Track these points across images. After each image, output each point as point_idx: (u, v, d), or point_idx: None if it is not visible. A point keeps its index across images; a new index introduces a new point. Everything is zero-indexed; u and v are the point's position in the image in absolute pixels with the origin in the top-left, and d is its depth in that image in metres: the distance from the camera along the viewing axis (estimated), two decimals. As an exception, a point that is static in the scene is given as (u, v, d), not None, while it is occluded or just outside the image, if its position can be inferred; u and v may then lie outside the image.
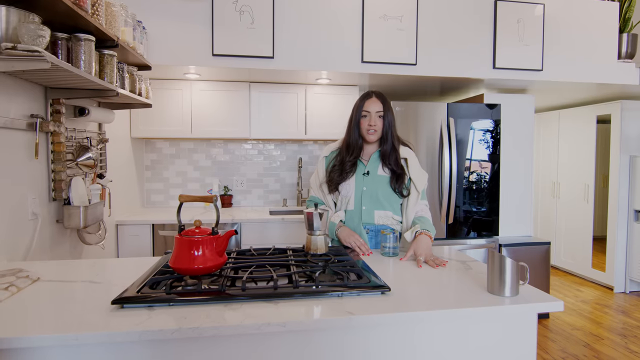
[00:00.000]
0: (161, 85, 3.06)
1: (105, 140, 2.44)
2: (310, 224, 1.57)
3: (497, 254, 1.21)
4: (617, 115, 3.86)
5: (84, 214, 1.97)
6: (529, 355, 1.20)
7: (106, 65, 1.89)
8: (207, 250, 1.23)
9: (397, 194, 1.78)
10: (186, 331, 0.98)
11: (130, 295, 1.12)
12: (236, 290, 1.18)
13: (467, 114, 3.17)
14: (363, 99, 1.79)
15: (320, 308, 1.10)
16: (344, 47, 2.77)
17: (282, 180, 3.66)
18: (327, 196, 1.87)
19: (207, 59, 2.63)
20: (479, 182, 3.24)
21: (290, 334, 1.06)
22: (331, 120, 3.31)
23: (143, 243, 2.78)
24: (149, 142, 3.44)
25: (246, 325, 1.00)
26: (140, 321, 1.00)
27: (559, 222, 4.57)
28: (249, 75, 2.95)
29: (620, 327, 3.11)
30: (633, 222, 3.85)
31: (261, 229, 2.95)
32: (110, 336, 0.96)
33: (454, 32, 2.91)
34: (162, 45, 2.58)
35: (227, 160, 3.57)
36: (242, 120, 3.19)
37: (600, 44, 3.14)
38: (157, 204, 3.48)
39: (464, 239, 3.23)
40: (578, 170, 4.30)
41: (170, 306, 1.10)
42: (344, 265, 1.43)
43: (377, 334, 1.10)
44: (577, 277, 4.39)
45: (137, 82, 2.32)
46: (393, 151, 1.78)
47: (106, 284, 1.31)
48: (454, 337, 1.14)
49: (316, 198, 1.91)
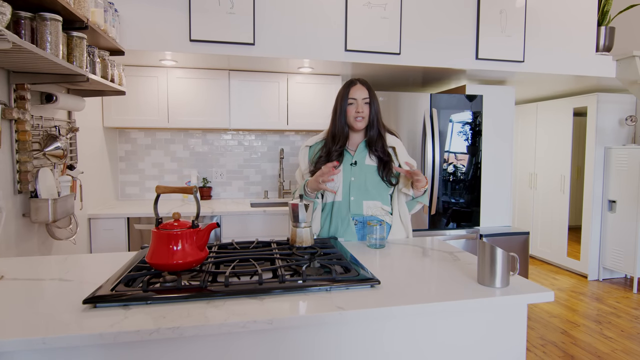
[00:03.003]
0: (136, 72, 2.92)
1: (76, 130, 2.30)
2: (295, 216, 1.51)
3: (487, 245, 1.19)
4: (593, 108, 3.94)
5: (52, 207, 1.85)
6: (519, 345, 1.19)
7: (75, 48, 1.77)
8: (187, 245, 1.16)
9: (386, 183, 1.75)
10: (165, 331, 0.91)
11: (104, 293, 1.04)
12: (219, 286, 1.11)
13: (450, 105, 3.17)
14: (348, 86, 1.75)
15: (308, 303, 1.05)
16: (326, 34, 2.70)
17: (263, 171, 3.59)
18: None
19: (184, 44, 2.51)
20: (461, 173, 3.25)
21: (277, 332, 1.01)
22: (313, 110, 3.24)
23: (118, 237, 2.67)
24: (123, 132, 3.30)
25: (230, 324, 0.94)
26: (115, 322, 0.93)
27: (536, 213, 4.67)
28: (228, 62, 2.85)
29: (595, 314, 3.20)
30: (607, 212, 3.96)
31: (242, 221, 2.88)
32: (81, 339, 0.88)
33: (438, 22, 2.88)
34: (136, 29, 2.45)
35: (205, 151, 3.47)
36: (221, 109, 3.08)
37: (579, 37, 3.17)
38: (132, 196, 3.34)
39: (445, 229, 3.24)
40: (555, 161, 4.38)
41: (148, 305, 1.03)
42: (330, 258, 1.38)
43: (367, 328, 1.06)
44: (553, 265, 4.50)
45: (109, 68, 2.19)
46: (379, 138, 1.75)
47: (77, 282, 1.22)
48: (444, 329, 1.12)
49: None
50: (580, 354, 2.58)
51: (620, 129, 4.02)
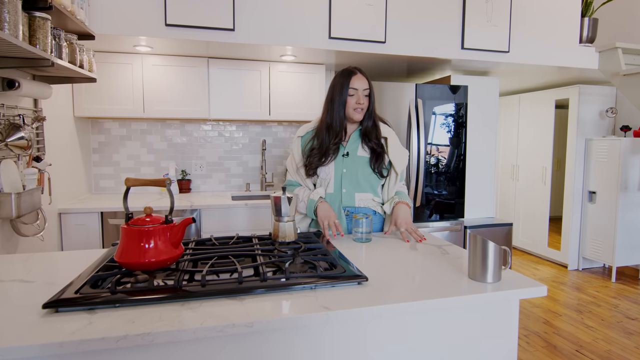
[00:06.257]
0: (108, 58, 2.77)
1: (42, 119, 2.16)
2: (277, 210, 1.43)
3: (479, 238, 1.14)
4: (575, 99, 3.96)
5: (16, 201, 1.72)
6: (511, 340, 1.15)
7: (38, 30, 1.63)
8: (160, 241, 1.07)
9: (377, 174, 1.69)
10: (134, 338, 0.82)
11: (67, 296, 0.95)
12: (195, 286, 1.03)
13: (435, 95, 3.12)
14: (347, 76, 1.64)
15: (292, 303, 0.98)
16: (310, 21, 2.61)
17: (245, 163, 3.48)
18: (306, 180, 1.75)
19: (159, 29, 2.38)
20: (445, 165, 3.22)
21: (259, 334, 0.94)
22: (296, 100, 3.15)
23: (91, 233, 2.54)
24: (95, 122, 3.14)
25: (207, 328, 0.86)
26: (78, 328, 0.84)
27: (518, 204, 4.71)
28: (207, 49, 2.73)
29: (576, 303, 3.24)
30: (587, 203, 4.01)
31: (223, 215, 2.78)
32: (39, 349, 0.79)
33: (424, 10, 2.82)
34: (107, 12, 2.31)
35: (184, 143, 3.34)
36: (200, 99, 2.96)
37: (563, 28, 3.16)
38: (106, 190, 3.20)
39: (430, 221, 3.22)
40: (537, 153, 4.41)
41: (116, 308, 0.94)
42: (315, 254, 1.32)
43: (355, 327, 1.00)
44: (534, 256, 4.55)
45: (78, 53, 2.05)
46: (374, 128, 1.69)
47: (40, 284, 1.12)
48: (433, 326, 1.07)
49: (294, 182, 1.79)
50: (563, 344, 2.60)
51: (601, 120, 4.06)
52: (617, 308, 3.15)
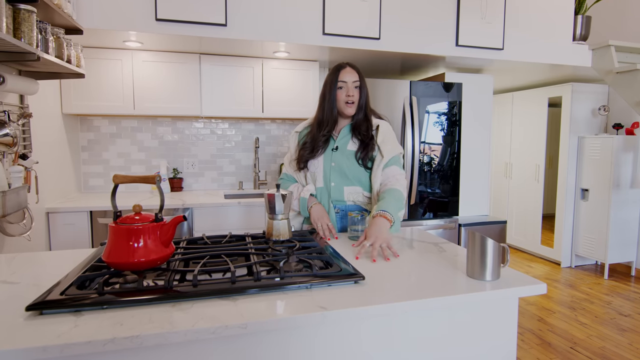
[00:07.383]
0: (97, 54, 2.71)
1: (28, 115, 2.10)
2: (271, 207, 1.40)
3: (478, 235, 1.12)
4: (568, 97, 3.97)
5: (1, 200, 1.67)
6: (510, 339, 1.13)
7: (22, 22, 1.58)
8: (150, 240, 1.04)
9: (362, 166, 1.65)
10: (122, 341, 0.79)
11: (53, 298, 0.91)
12: (186, 286, 0.99)
13: (429, 92, 3.10)
14: (337, 70, 1.64)
15: (287, 303, 0.95)
16: (304, 17, 2.57)
17: (238, 161, 3.44)
18: (299, 174, 1.74)
19: (150, 24, 2.33)
20: (439, 163, 3.21)
21: (252, 336, 0.91)
22: (290, 97, 3.11)
23: (80, 233, 2.48)
24: (84, 119, 3.07)
25: (199, 330, 0.83)
26: (63, 331, 0.80)
27: (511, 202, 4.72)
28: (199, 45, 2.68)
29: (569, 301, 3.25)
30: (580, 200, 4.03)
31: (216, 214, 2.73)
32: (22, 353, 0.75)
33: (418, 7, 2.79)
34: (97, 6, 2.25)
35: (176, 140, 3.29)
36: (192, 96, 2.91)
37: (556, 25, 3.16)
38: (96, 188, 3.14)
39: (425, 219, 3.20)
40: (530, 151, 4.42)
41: (104, 310, 0.90)
42: (310, 252, 1.29)
43: (351, 327, 0.97)
44: (527, 253, 4.57)
45: (65, 48, 2.00)
46: (365, 121, 1.66)
47: (25, 285, 1.08)
48: (433, 325, 1.04)
49: (289, 176, 1.78)
50: (557, 341, 2.60)
51: (593, 118, 4.07)
52: (610, 305, 3.16)
